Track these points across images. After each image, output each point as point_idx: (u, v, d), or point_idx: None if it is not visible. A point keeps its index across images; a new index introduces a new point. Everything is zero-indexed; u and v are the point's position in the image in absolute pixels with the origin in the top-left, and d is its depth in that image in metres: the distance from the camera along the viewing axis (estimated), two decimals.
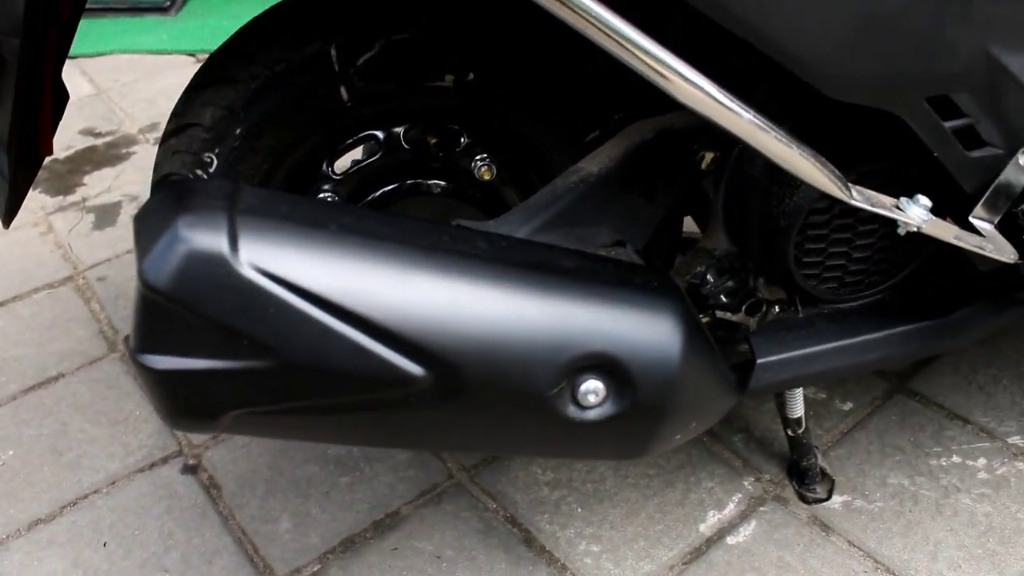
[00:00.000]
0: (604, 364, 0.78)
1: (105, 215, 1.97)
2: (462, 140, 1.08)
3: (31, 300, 1.75)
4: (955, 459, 1.32)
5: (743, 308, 1.08)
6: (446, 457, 1.37)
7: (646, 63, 0.69)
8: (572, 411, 0.80)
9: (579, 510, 1.28)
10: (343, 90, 0.99)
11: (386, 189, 1.09)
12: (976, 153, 0.82)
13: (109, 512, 1.33)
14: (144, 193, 2.03)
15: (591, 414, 0.80)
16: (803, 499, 1.27)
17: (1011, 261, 0.86)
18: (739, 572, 1.19)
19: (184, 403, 0.75)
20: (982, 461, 1.31)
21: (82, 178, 2.10)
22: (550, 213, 0.90)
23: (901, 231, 0.82)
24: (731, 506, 1.27)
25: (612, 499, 1.29)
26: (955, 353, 1.46)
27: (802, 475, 1.27)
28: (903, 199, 0.81)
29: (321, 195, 1.09)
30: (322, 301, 0.71)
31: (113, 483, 1.38)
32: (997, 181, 0.84)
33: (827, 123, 0.84)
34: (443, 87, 1.01)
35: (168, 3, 2.73)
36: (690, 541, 1.23)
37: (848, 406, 1.40)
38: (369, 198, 1.09)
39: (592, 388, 0.79)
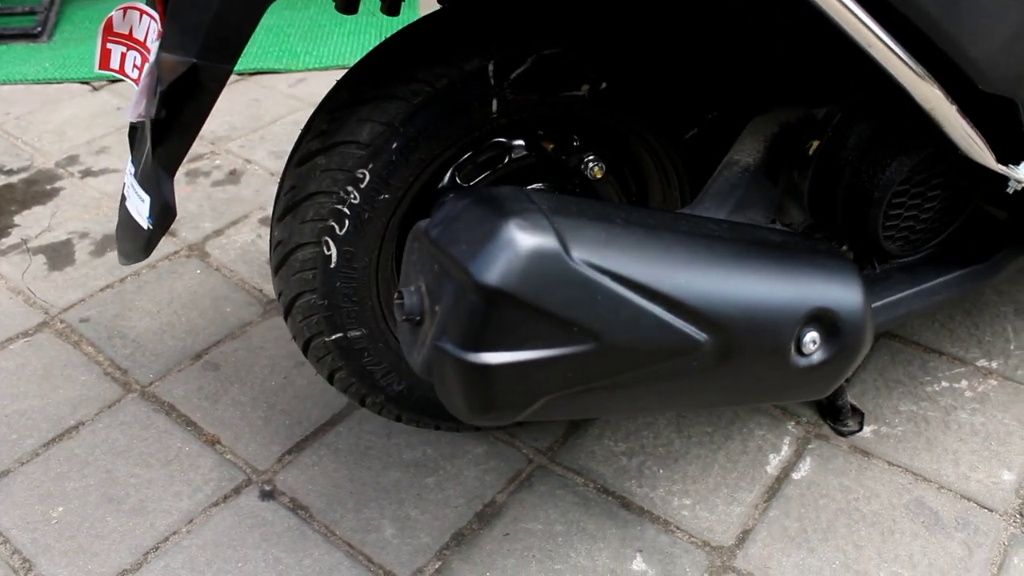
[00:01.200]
0: (821, 317, 0.93)
1: (57, 255, 1.86)
2: (575, 143, 1.19)
3: (8, 352, 1.64)
4: (944, 384, 1.58)
5: None
6: (520, 444, 1.46)
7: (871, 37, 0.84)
8: (796, 359, 0.94)
9: (660, 471, 1.42)
10: (494, 103, 1.07)
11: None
12: None
13: (201, 550, 1.30)
14: (93, 228, 1.94)
15: (808, 360, 0.95)
16: (840, 434, 1.48)
17: None
18: (813, 500, 1.37)
19: (502, 395, 0.81)
20: (964, 383, 1.58)
21: (11, 219, 1.96)
22: (734, 200, 1.03)
23: (1012, 189, 1.03)
24: (785, 448, 1.46)
25: (685, 457, 1.44)
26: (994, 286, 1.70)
27: (836, 413, 1.48)
28: (1010, 165, 1.02)
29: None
30: (635, 284, 0.81)
31: (191, 521, 1.35)
32: None
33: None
34: (578, 96, 1.11)
35: (39, 28, 2.56)
36: (764, 482, 1.40)
37: None
38: None
39: (812, 338, 0.94)
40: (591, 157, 1.20)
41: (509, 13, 1.06)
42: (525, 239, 0.77)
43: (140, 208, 0.96)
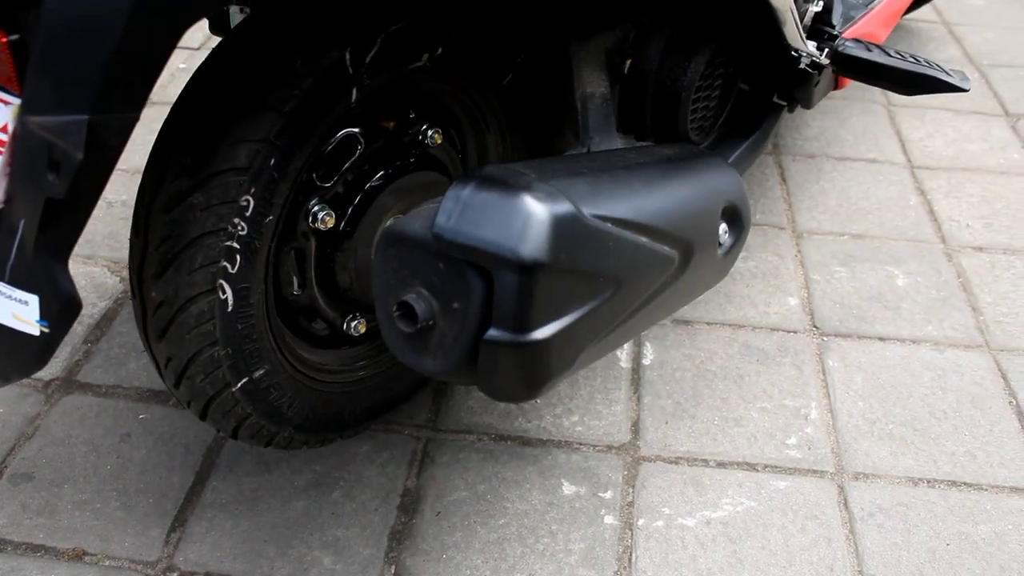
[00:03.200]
0: (728, 211, 1.06)
1: None
2: (410, 116, 1.19)
3: None
4: None
5: None
6: (400, 427, 1.45)
7: None
8: (718, 250, 1.05)
9: (537, 402, 1.49)
10: (354, 92, 1.04)
11: (375, 182, 1.14)
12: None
13: None
14: None
15: (723, 249, 1.07)
16: None
17: (826, 63, 1.32)
18: (671, 375, 1.53)
19: (556, 363, 0.83)
20: None
21: None
22: (613, 126, 1.11)
23: (804, 63, 1.22)
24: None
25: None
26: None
27: None
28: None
29: (315, 209, 1.10)
30: (630, 224, 0.86)
31: None
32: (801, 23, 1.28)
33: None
34: (420, 67, 1.10)
35: None
36: (624, 377, 1.53)
37: None
38: (367, 188, 1.14)
39: (724, 229, 1.06)
40: (426, 126, 1.21)
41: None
42: (548, 209, 0.78)
43: (22, 312, 0.82)
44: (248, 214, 0.98)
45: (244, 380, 1.08)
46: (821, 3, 1.27)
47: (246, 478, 1.38)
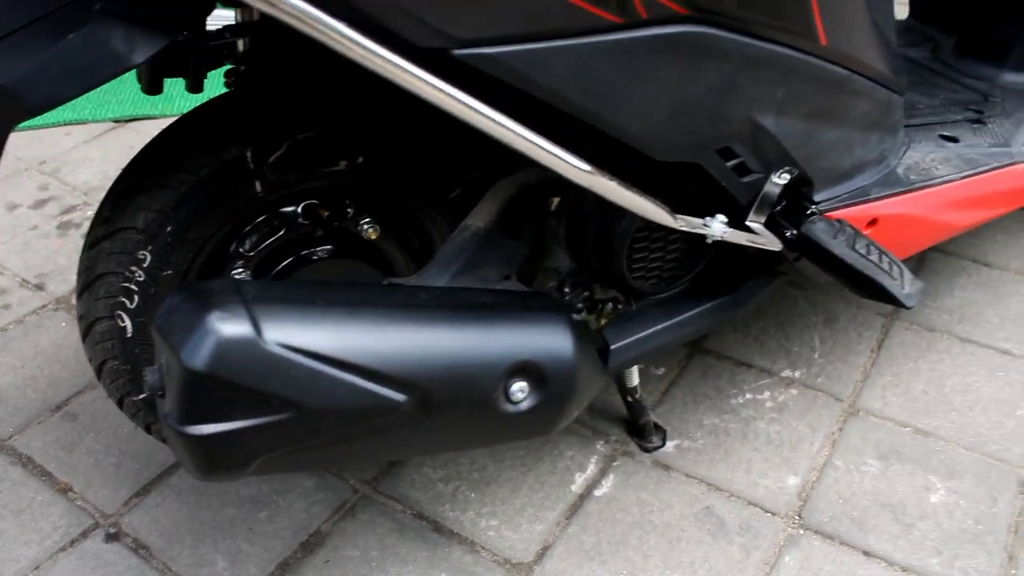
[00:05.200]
0: (528, 368, 1.06)
1: None
2: (349, 210, 1.31)
3: None
4: (748, 396, 1.71)
5: (586, 308, 1.39)
6: (348, 476, 1.58)
7: (517, 139, 0.96)
8: (507, 407, 1.06)
9: (472, 495, 1.54)
10: (257, 184, 1.19)
11: (293, 259, 1.29)
12: (746, 178, 1.17)
13: None
14: None
15: (520, 407, 1.07)
16: (645, 450, 1.61)
17: (778, 249, 1.22)
18: (611, 515, 1.50)
19: (220, 458, 0.94)
20: (767, 393, 1.71)
21: None
22: (459, 263, 1.15)
23: (709, 240, 1.16)
24: (591, 466, 1.58)
25: (497, 480, 1.56)
26: (742, 319, 1.85)
27: (641, 431, 1.61)
28: (707, 218, 1.14)
29: (235, 272, 1.27)
30: (325, 358, 0.93)
31: (37, 567, 1.46)
32: (761, 194, 1.20)
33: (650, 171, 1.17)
34: (339, 170, 1.23)
35: None
36: (567, 500, 1.53)
37: (662, 371, 1.76)
38: (280, 267, 1.29)
39: (520, 387, 1.06)
40: (366, 221, 1.32)
41: (263, 106, 1.18)
42: (222, 327, 0.89)
43: None
44: (145, 265, 1.18)
45: (145, 393, 1.29)
46: (786, 175, 1.18)
47: None
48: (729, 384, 1.73)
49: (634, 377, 1.49)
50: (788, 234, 1.23)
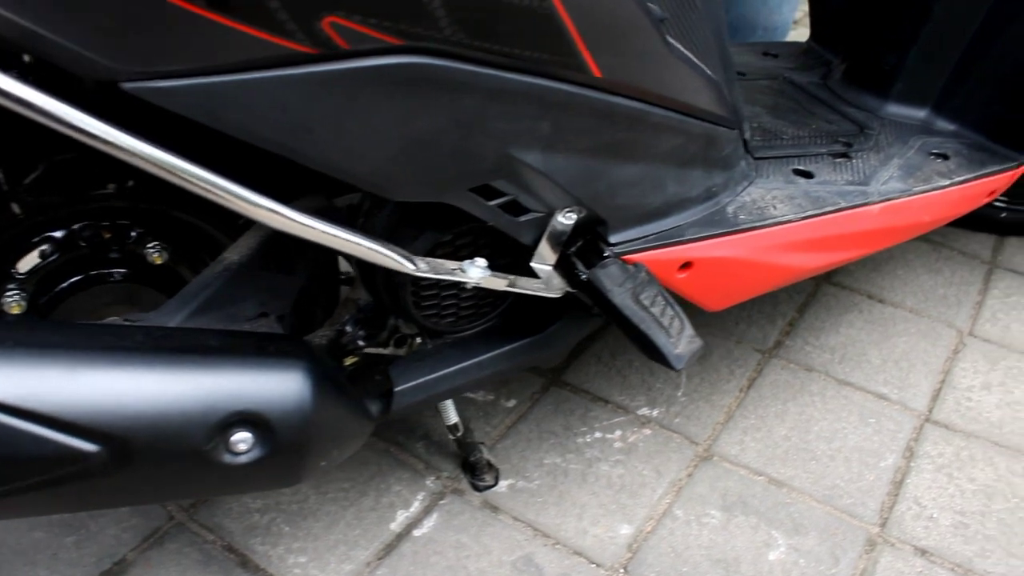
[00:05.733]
0: (249, 419, 0.98)
1: None
2: (132, 233, 1.23)
3: None
4: (597, 435, 1.62)
5: (393, 343, 1.31)
6: (169, 505, 1.52)
7: (199, 185, 0.88)
8: (228, 458, 0.98)
9: (287, 528, 1.47)
10: (14, 206, 1.12)
11: (72, 281, 1.22)
12: (524, 217, 1.08)
13: None
14: None
15: (244, 458, 0.99)
16: (476, 488, 1.52)
17: (557, 295, 1.13)
18: (424, 558, 1.42)
19: None
20: (618, 433, 1.62)
21: None
22: (200, 300, 1.07)
23: (469, 286, 1.07)
24: (416, 504, 1.51)
25: (315, 514, 1.49)
26: (550, 363, 1.76)
27: (472, 469, 1.52)
28: (465, 262, 1.05)
29: (8, 294, 1.20)
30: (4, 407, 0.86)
31: None
32: (545, 234, 1.11)
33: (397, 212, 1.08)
34: (109, 193, 1.15)
35: None
36: (383, 539, 1.45)
37: (512, 403, 1.68)
38: (57, 290, 1.21)
39: (242, 438, 0.98)
40: (152, 244, 1.24)
41: (17, 125, 1.11)
42: None
43: None
44: None
45: None
46: (573, 215, 1.10)
47: None
48: (580, 421, 1.64)
49: (450, 415, 1.41)
50: (583, 277, 1.14)
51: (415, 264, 1.00)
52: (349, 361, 1.27)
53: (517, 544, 1.44)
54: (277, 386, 1.00)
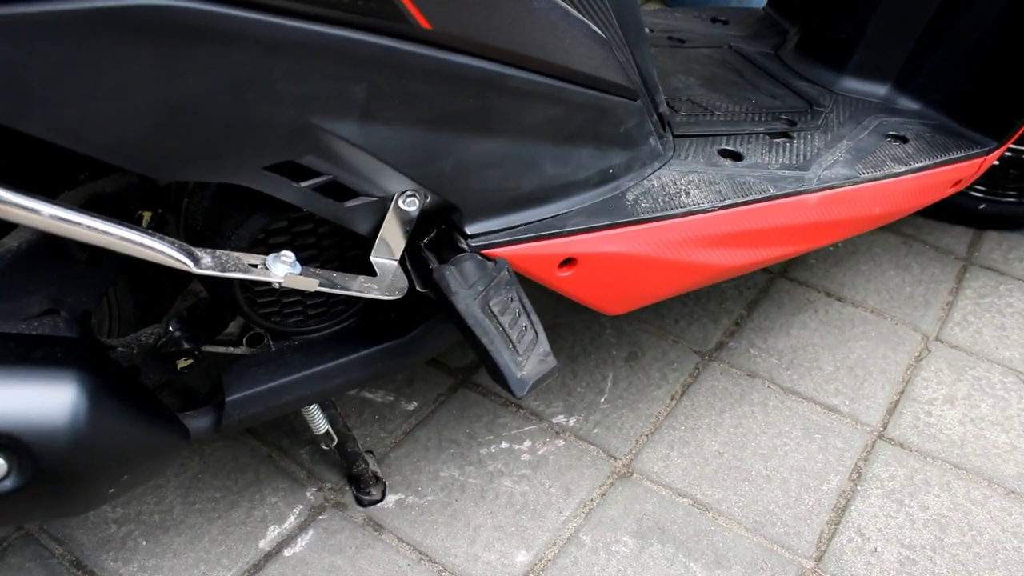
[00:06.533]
0: (2, 442, 0.81)
1: None
2: None
3: None
4: (503, 445, 1.44)
5: (245, 341, 1.14)
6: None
7: None
8: None
9: (144, 543, 1.31)
10: None
11: None
12: (351, 203, 0.90)
13: None
14: None
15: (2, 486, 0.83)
16: (360, 503, 1.36)
17: (394, 297, 0.95)
18: None
19: None
20: (527, 443, 1.45)
21: None
22: None
23: (275, 286, 0.90)
24: (292, 518, 1.34)
25: (178, 527, 1.33)
26: (410, 369, 1.56)
27: (357, 480, 1.36)
28: (270, 257, 0.88)
29: None
30: None
31: None
32: (385, 222, 0.93)
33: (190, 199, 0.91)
34: None
35: None
36: (249, 559, 1.29)
37: (413, 405, 1.51)
38: None
39: None
40: None
41: None
42: None
43: None
44: None
45: None
46: (415, 200, 0.92)
47: None
48: (486, 428, 1.47)
49: (318, 424, 1.24)
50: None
51: (197, 261, 0.82)
52: (183, 363, 1.10)
53: (398, 569, 1.27)
54: (38, 402, 0.83)
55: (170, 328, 1.05)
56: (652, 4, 2.74)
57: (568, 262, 1.04)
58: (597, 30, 0.97)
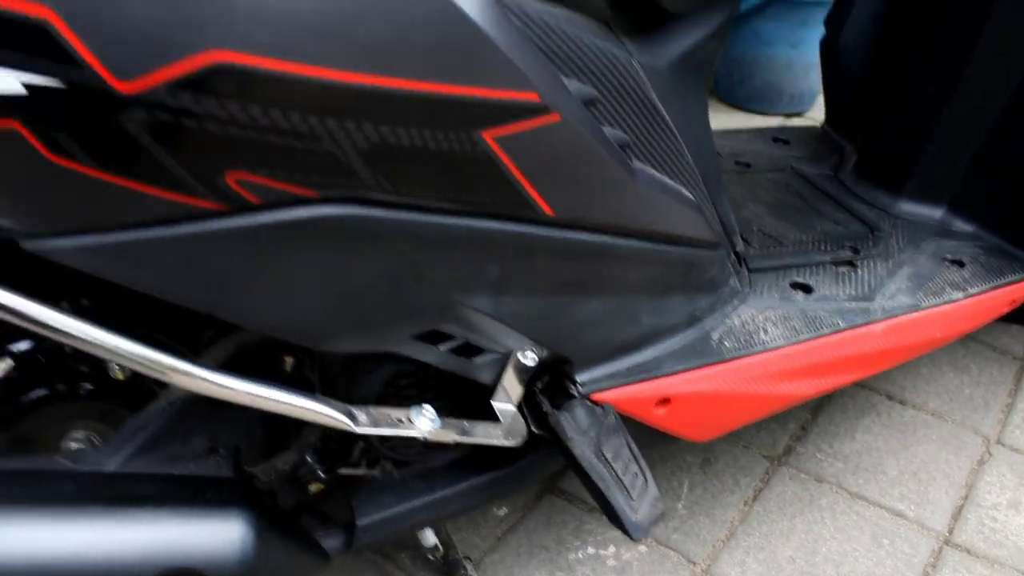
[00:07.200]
0: (185, 574, 0.93)
1: None
2: None
3: None
4: (590, 550, 1.54)
5: (365, 463, 1.26)
6: None
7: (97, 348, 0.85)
8: None
9: None
10: None
11: (37, 394, 1.19)
12: (479, 359, 1.03)
13: None
14: None
15: None
16: None
17: (516, 444, 1.07)
18: None
19: None
20: (612, 549, 1.54)
21: None
22: (141, 438, 1.03)
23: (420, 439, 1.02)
24: None
25: None
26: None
27: None
28: (413, 409, 1.00)
29: None
30: None
31: None
32: (505, 373, 1.05)
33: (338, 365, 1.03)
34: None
35: None
36: None
37: (503, 512, 1.61)
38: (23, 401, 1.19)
39: None
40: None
41: None
42: None
43: None
44: None
45: None
46: (534, 354, 1.04)
47: None
48: (573, 534, 1.57)
49: (429, 536, 1.35)
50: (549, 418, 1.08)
51: (356, 420, 0.94)
52: (315, 488, 1.22)
53: None
54: (214, 538, 0.95)
55: (306, 457, 1.17)
56: (713, 110, 2.88)
57: (664, 401, 1.16)
58: (688, 194, 1.10)
